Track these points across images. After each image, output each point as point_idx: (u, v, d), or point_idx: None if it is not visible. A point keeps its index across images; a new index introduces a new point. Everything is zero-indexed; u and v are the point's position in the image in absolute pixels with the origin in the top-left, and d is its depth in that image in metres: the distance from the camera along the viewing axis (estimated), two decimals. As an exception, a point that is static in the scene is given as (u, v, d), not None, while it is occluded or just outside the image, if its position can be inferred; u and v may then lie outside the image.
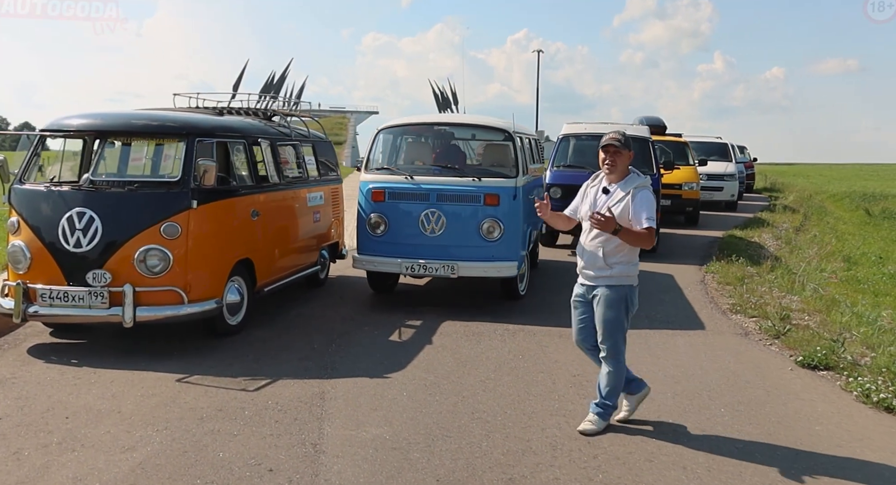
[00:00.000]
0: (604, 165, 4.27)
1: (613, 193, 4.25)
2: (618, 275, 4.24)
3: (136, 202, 5.78)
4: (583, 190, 4.46)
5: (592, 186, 4.39)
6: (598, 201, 4.27)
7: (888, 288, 9.44)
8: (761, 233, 15.59)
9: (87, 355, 5.79)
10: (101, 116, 6.16)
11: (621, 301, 4.26)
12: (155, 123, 6.18)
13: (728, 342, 6.51)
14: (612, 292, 4.25)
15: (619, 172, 4.25)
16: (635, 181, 4.25)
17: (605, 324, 4.29)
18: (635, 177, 4.28)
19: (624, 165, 4.25)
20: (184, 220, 5.77)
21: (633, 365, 5.67)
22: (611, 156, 4.23)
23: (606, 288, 4.25)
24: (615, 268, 4.22)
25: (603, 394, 4.40)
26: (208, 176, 5.79)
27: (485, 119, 8.14)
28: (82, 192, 5.77)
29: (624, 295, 4.27)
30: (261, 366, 5.60)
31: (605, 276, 4.25)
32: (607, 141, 4.24)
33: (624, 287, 4.28)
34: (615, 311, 4.26)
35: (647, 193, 4.21)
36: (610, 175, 4.27)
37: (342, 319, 7.16)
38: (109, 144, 6.13)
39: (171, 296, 5.75)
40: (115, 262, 5.64)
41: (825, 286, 8.78)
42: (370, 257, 7.53)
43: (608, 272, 4.23)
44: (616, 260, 4.22)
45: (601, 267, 4.24)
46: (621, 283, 4.27)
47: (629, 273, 4.29)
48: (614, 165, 4.23)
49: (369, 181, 7.58)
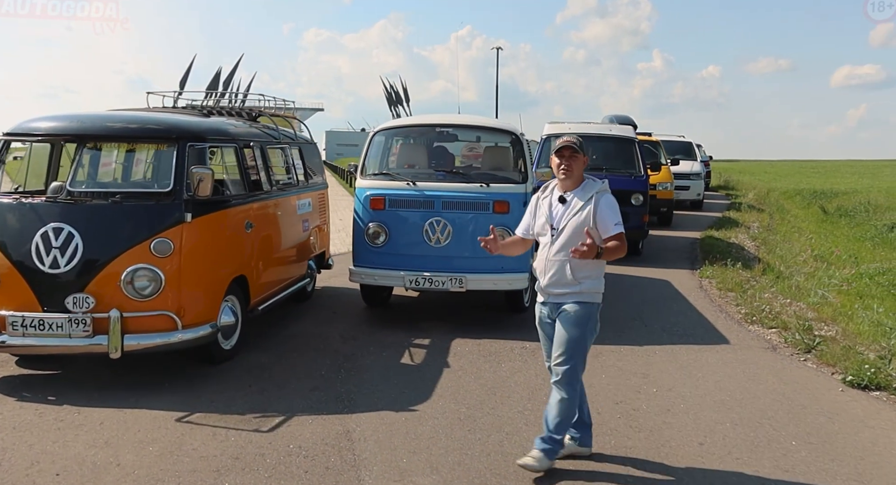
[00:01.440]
0: (559, 171, 3.86)
1: (571, 201, 3.87)
2: (587, 290, 3.86)
3: (121, 216, 5.10)
4: (533, 204, 4.06)
5: (544, 197, 3.99)
6: (556, 213, 3.89)
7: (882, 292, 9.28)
8: (737, 233, 15.47)
9: (64, 390, 5.09)
10: (77, 119, 5.43)
11: (589, 319, 3.87)
12: (140, 126, 5.48)
13: (760, 358, 6.14)
14: (581, 309, 3.85)
15: (575, 178, 3.87)
16: (594, 187, 3.89)
17: (568, 343, 3.85)
18: (592, 182, 3.91)
19: (580, 171, 3.88)
20: (176, 235, 5.11)
21: (672, 387, 5.31)
22: (566, 160, 3.83)
23: (574, 304, 3.85)
24: (584, 282, 3.84)
25: (550, 426, 3.88)
26: (203, 185, 5.14)
27: (491, 120, 7.64)
28: (59, 205, 5.05)
29: (592, 312, 3.89)
30: (268, 398, 5.00)
31: (574, 292, 3.86)
32: (563, 143, 3.84)
33: (592, 305, 3.90)
34: (581, 329, 3.85)
35: (609, 197, 3.87)
36: (565, 181, 3.88)
37: (342, 338, 6.57)
38: (88, 150, 5.39)
39: (162, 321, 5.09)
40: (99, 284, 4.96)
41: (834, 293, 8.53)
42: (369, 270, 6.96)
43: (577, 288, 3.85)
44: (585, 274, 3.83)
45: (569, 283, 3.84)
46: (591, 299, 3.89)
47: (598, 289, 3.92)
48: (570, 171, 3.84)
49: (367, 188, 6.99)
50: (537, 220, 3.98)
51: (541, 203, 4.00)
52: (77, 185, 5.19)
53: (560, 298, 3.88)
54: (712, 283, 9.65)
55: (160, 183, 5.33)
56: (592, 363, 5.78)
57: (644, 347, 6.38)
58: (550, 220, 3.89)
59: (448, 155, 7.90)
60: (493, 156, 7.45)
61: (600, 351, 6.23)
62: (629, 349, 6.33)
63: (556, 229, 3.87)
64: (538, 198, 4.04)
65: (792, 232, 16.65)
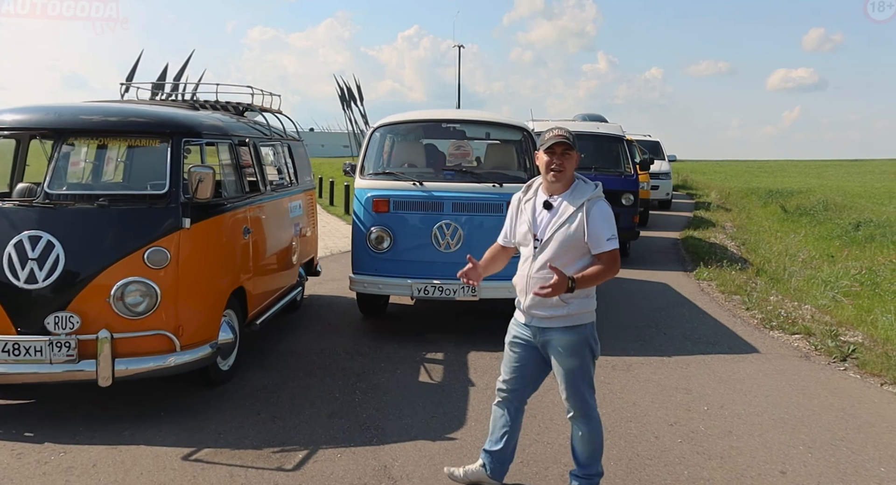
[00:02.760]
0: (548, 171, 3.24)
1: (559, 207, 3.26)
2: (576, 312, 3.27)
3: (109, 222, 4.44)
4: (514, 206, 3.46)
5: (527, 199, 3.39)
6: (540, 220, 3.30)
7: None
8: (714, 233, 15.32)
9: (43, 423, 4.41)
10: (54, 110, 4.72)
11: (584, 344, 3.31)
12: (128, 120, 4.79)
13: (798, 368, 5.77)
14: (573, 336, 3.28)
15: (566, 179, 3.27)
16: (586, 191, 3.28)
17: (569, 376, 3.31)
18: (583, 185, 3.31)
19: (572, 171, 3.29)
20: (173, 243, 4.48)
21: (722, 404, 4.88)
22: (559, 158, 3.22)
23: (563, 332, 3.28)
24: (571, 304, 3.25)
25: (582, 461, 3.46)
26: (204, 187, 4.51)
27: (500, 116, 7.13)
28: (35, 209, 4.37)
29: (586, 336, 3.32)
30: (283, 428, 4.40)
31: (559, 316, 3.26)
32: (556, 138, 3.22)
33: (585, 327, 3.32)
34: (579, 358, 3.30)
35: (604, 205, 3.26)
36: (555, 184, 3.27)
37: (347, 354, 5.98)
38: (67, 147, 4.70)
39: (158, 342, 4.45)
40: (84, 301, 4.29)
41: (842, 295, 8.27)
42: (372, 278, 6.38)
43: (563, 311, 3.25)
44: (572, 294, 3.21)
45: (553, 305, 3.24)
46: (581, 321, 3.30)
47: (589, 308, 3.33)
48: (563, 171, 3.23)
49: (368, 188, 6.41)
50: (518, 227, 3.39)
51: (523, 207, 3.39)
52: (56, 186, 4.50)
53: (544, 322, 3.30)
54: (712, 285, 9.34)
55: (153, 184, 4.67)
56: (628, 378, 5.36)
57: (674, 358, 5.96)
58: (533, 228, 3.30)
59: (472, 154, 7.34)
60: (503, 153, 6.93)
61: (630, 363, 5.79)
62: (659, 360, 5.90)
63: (539, 241, 3.27)
64: (520, 199, 3.44)
65: (763, 232, 16.58)
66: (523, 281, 3.33)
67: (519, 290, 3.38)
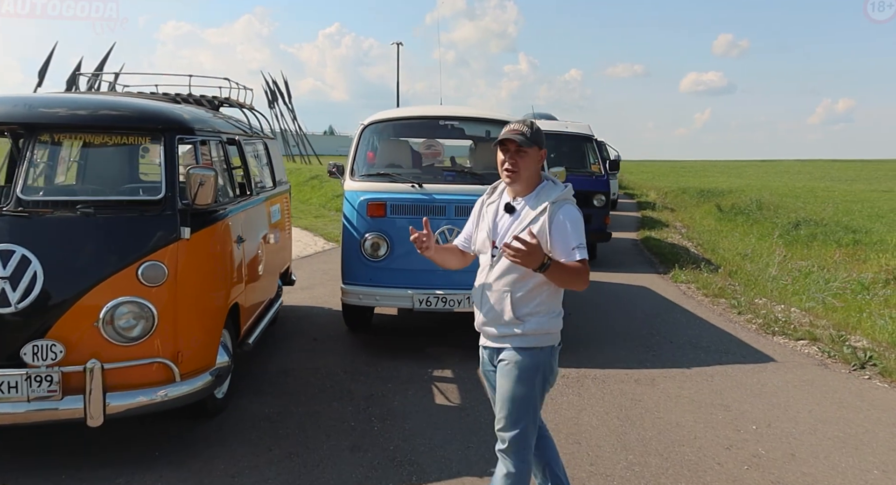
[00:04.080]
0: (502, 170, 2.84)
1: (521, 211, 2.83)
2: (533, 332, 2.79)
3: (97, 233, 3.78)
4: (477, 209, 3.06)
5: (490, 202, 2.98)
6: (500, 225, 2.87)
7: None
8: (669, 233, 15.34)
9: (15, 470, 3.73)
10: (24, 103, 4.00)
11: (536, 371, 2.80)
12: (113, 113, 4.11)
13: (824, 378, 5.54)
14: (525, 358, 2.79)
15: (524, 179, 2.82)
16: (552, 192, 2.82)
17: (510, 404, 2.79)
18: (551, 186, 2.86)
19: (531, 170, 2.82)
20: (171, 256, 3.85)
21: (769, 422, 4.56)
22: (511, 156, 2.79)
23: (516, 351, 2.81)
24: (529, 321, 2.79)
25: None
26: (205, 192, 3.90)
27: (499, 112, 6.69)
28: (6, 219, 3.68)
29: (540, 362, 2.81)
30: (305, 466, 3.85)
31: (513, 334, 2.80)
32: (506, 134, 2.79)
33: (542, 351, 2.81)
34: (526, 386, 2.78)
35: (571, 209, 2.79)
36: (513, 185, 2.84)
37: (346, 373, 5.44)
38: (42, 145, 4.01)
39: (155, 372, 3.82)
40: (68, 326, 3.63)
41: (830, 296, 8.18)
42: (367, 289, 5.84)
43: (519, 328, 2.79)
44: (530, 310, 2.79)
45: (509, 322, 2.80)
46: (538, 343, 2.81)
47: (549, 329, 2.83)
48: (516, 171, 2.79)
49: (362, 191, 5.88)
50: (479, 233, 2.97)
51: (485, 210, 2.98)
52: (31, 191, 3.82)
53: (498, 342, 2.86)
54: (692, 288, 9.17)
55: (147, 188, 4.03)
56: (656, 393, 5.02)
57: (694, 370, 5.65)
58: (492, 234, 2.87)
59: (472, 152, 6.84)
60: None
61: (652, 377, 5.45)
62: (680, 373, 5.58)
63: (497, 248, 2.82)
64: (483, 202, 3.03)
65: (711, 232, 16.70)
66: (479, 293, 2.91)
67: (475, 302, 2.94)
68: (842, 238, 13.96)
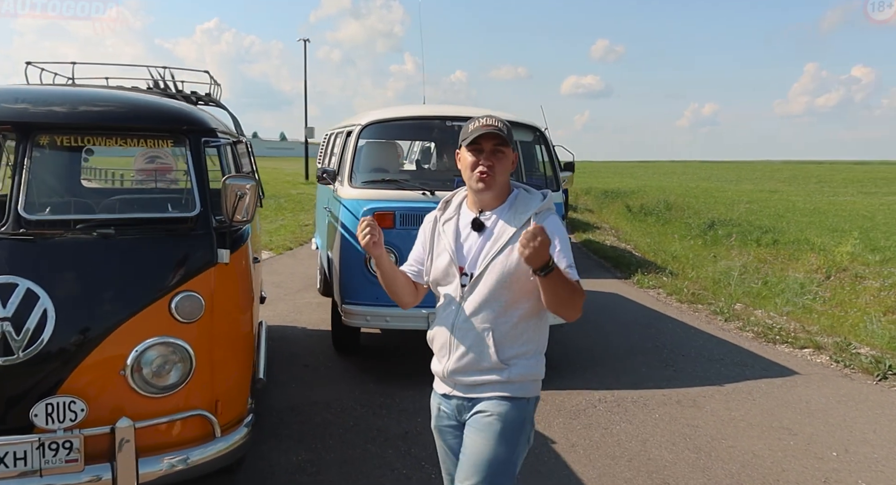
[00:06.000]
0: (474, 174, 2.23)
1: (493, 227, 2.26)
2: (520, 378, 2.25)
3: (118, 259, 3.04)
4: (428, 229, 2.44)
5: (448, 219, 2.38)
6: (468, 247, 2.29)
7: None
8: (605, 236, 15.34)
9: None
10: (15, 95, 3.19)
11: (522, 426, 2.26)
12: (131, 112, 3.34)
13: (863, 393, 5.34)
14: (511, 410, 2.24)
15: (499, 187, 2.26)
16: (529, 202, 2.28)
17: (487, 468, 2.20)
18: (525, 196, 2.31)
19: (507, 176, 2.29)
20: (205, 284, 3.16)
21: (830, 444, 4.27)
22: (487, 157, 2.21)
23: (500, 402, 2.24)
24: (516, 365, 2.24)
25: None
26: (244, 206, 3.24)
27: (507, 113, 6.20)
28: (5, 244, 2.89)
29: (527, 416, 2.28)
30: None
31: (496, 381, 2.25)
32: (483, 128, 2.20)
33: (528, 402, 2.29)
34: (509, 445, 2.22)
35: (556, 222, 2.27)
36: (484, 193, 2.26)
37: (363, 406, 4.84)
38: (42, 150, 3.19)
39: (193, 427, 3.13)
40: (88, 377, 2.90)
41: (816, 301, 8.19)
42: (374, 309, 5.23)
43: (503, 374, 2.24)
44: (517, 350, 2.25)
45: (491, 367, 2.24)
46: (526, 393, 2.27)
47: (537, 374, 2.31)
48: (493, 176, 2.22)
49: (365, 200, 5.28)
50: (436, 259, 2.35)
51: (441, 229, 2.37)
52: (35, 209, 3.02)
53: (474, 391, 2.28)
54: (661, 294, 9.04)
55: (176, 203, 3.31)
56: (706, 416, 4.71)
57: (727, 387, 5.38)
58: (458, 259, 2.28)
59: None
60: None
61: (692, 396, 5.15)
62: (716, 391, 5.29)
63: (468, 276, 2.26)
64: (436, 218, 2.43)
65: (637, 233, 16.86)
66: (444, 334, 2.30)
67: (438, 346, 2.34)
68: (761, 238, 14.30)
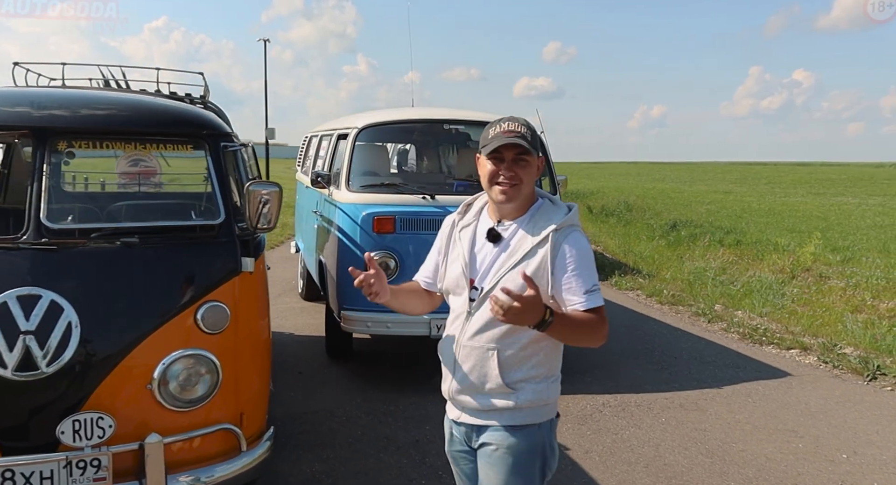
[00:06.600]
0: (493, 186, 2.06)
1: (511, 240, 2.08)
2: (528, 404, 2.07)
3: (143, 269, 2.93)
4: (446, 233, 2.29)
5: (466, 224, 2.21)
6: (480, 257, 2.12)
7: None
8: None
9: None
10: (33, 99, 3.06)
11: (534, 455, 2.09)
12: (149, 116, 3.24)
13: (858, 394, 5.44)
14: (519, 440, 2.07)
15: (522, 197, 2.07)
16: (552, 215, 2.08)
17: None
18: (549, 207, 2.11)
19: (531, 186, 2.09)
20: (229, 294, 3.08)
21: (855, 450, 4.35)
22: (509, 166, 2.03)
23: (508, 432, 2.08)
24: (522, 390, 2.07)
25: None
26: (269, 213, 3.17)
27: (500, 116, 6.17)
28: (26, 254, 2.76)
29: (538, 443, 2.10)
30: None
31: (503, 407, 2.08)
32: (506, 137, 2.01)
33: (540, 428, 2.10)
34: (523, 477, 2.08)
35: (579, 238, 2.06)
36: (508, 203, 2.07)
37: (369, 415, 4.77)
38: (59, 156, 3.05)
39: (219, 441, 3.04)
40: (113, 391, 2.79)
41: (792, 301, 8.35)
42: (375, 315, 5.17)
43: (510, 400, 2.07)
44: (524, 374, 2.06)
45: (496, 390, 2.07)
46: (535, 419, 2.09)
47: (548, 398, 2.11)
48: (517, 187, 2.04)
49: (365, 204, 5.20)
50: (449, 266, 2.21)
51: (458, 235, 2.21)
52: (58, 217, 2.90)
53: (481, 417, 2.11)
54: (640, 295, 9.15)
55: (200, 210, 3.21)
56: (710, 419, 4.76)
57: (726, 390, 5.46)
58: (470, 270, 2.11)
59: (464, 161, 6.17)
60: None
61: (694, 399, 5.20)
62: (715, 393, 5.36)
63: (478, 290, 2.09)
64: (454, 223, 2.25)
65: (602, 234, 17.03)
66: (450, 350, 2.13)
67: (444, 364, 2.19)
68: (723, 238, 14.56)
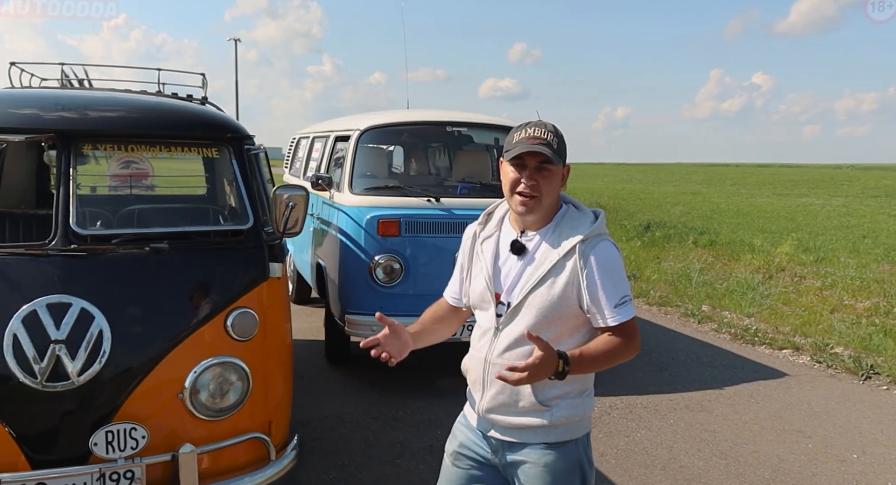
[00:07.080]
0: (514, 195, 1.96)
1: (535, 251, 1.99)
2: (564, 420, 1.98)
3: (173, 275, 2.87)
4: (468, 244, 2.18)
5: (487, 236, 2.11)
6: (504, 271, 2.03)
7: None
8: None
9: None
10: (57, 101, 2.97)
11: (573, 471, 2.01)
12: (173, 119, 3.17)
13: (858, 393, 5.51)
14: (557, 458, 1.98)
15: (545, 207, 1.97)
16: (577, 224, 1.98)
17: None
18: (575, 215, 2.01)
19: (555, 195, 1.99)
20: (258, 300, 3.03)
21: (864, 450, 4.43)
22: (531, 175, 1.93)
23: (544, 450, 1.98)
24: (557, 406, 1.98)
25: None
26: (296, 217, 3.13)
27: (508, 120, 6.16)
28: (56, 261, 2.67)
29: (577, 459, 2.02)
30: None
31: (538, 425, 1.98)
32: (530, 145, 1.91)
33: (577, 444, 2.03)
34: None
35: (609, 248, 1.96)
36: (529, 215, 1.98)
37: (379, 421, 4.73)
38: (85, 158, 2.97)
39: (249, 451, 2.98)
40: (145, 401, 2.72)
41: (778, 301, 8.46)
42: (379, 319, 5.12)
43: (545, 418, 1.97)
44: (559, 391, 1.96)
45: (529, 408, 1.98)
46: (572, 435, 2.01)
47: (582, 413, 2.03)
48: (538, 197, 1.94)
49: (369, 207, 5.16)
50: (473, 280, 2.11)
51: (479, 248, 2.11)
52: (87, 222, 2.82)
53: (514, 435, 2.01)
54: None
55: (228, 215, 3.15)
56: (717, 420, 4.82)
57: (728, 390, 5.51)
58: (495, 285, 2.02)
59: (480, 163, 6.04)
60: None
61: (698, 400, 5.24)
62: (719, 394, 5.41)
63: (505, 305, 2.00)
64: (475, 234, 2.15)
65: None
66: (479, 367, 2.04)
67: (472, 380, 2.10)
68: (698, 239, 14.70)
